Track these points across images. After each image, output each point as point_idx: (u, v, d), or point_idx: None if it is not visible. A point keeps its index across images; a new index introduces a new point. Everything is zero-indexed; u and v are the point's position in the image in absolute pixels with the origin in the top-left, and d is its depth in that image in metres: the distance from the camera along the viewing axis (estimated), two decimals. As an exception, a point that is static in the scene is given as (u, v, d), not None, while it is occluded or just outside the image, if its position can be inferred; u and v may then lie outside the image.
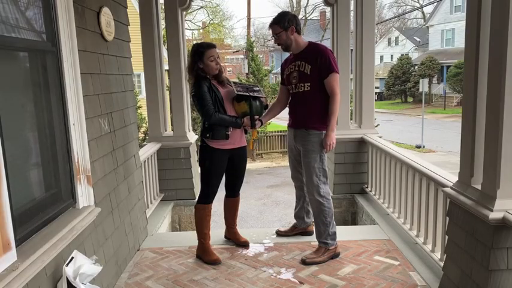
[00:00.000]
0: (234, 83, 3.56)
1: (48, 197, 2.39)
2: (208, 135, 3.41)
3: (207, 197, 3.55)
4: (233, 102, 3.45)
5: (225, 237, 3.94)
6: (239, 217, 3.95)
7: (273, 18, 3.44)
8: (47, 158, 2.46)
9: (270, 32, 3.50)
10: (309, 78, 3.38)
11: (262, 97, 3.51)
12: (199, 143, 3.72)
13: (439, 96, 31.83)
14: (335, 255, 3.51)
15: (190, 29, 31.26)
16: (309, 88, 3.38)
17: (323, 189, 3.45)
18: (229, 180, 3.70)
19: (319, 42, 3.80)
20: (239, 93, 3.39)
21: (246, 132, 3.60)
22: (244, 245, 3.79)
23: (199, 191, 3.61)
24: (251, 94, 3.42)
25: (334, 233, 3.52)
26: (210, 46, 3.43)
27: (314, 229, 3.63)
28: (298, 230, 3.99)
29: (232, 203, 3.81)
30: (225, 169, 3.56)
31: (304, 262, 3.42)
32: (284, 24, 3.38)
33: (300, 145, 3.53)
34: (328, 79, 3.34)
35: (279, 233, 4.03)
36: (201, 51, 3.37)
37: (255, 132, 3.66)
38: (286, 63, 3.61)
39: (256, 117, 3.45)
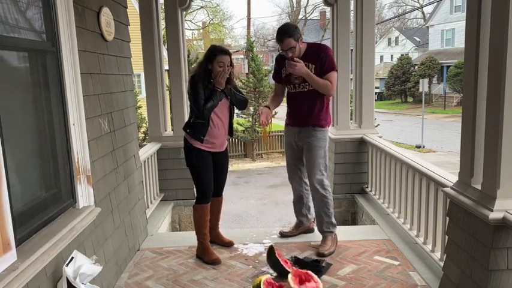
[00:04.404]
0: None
1: (48, 197, 2.39)
2: (188, 130, 3.48)
3: (203, 196, 3.55)
4: None
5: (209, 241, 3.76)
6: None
7: (283, 32, 3.37)
8: (47, 158, 2.46)
9: (279, 46, 3.43)
10: None
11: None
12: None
13: (439, 96, 31.82)
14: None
15: (190, 29, 31.31)
16: (313, 87, 3.45)
17: (325, 182, 3.60)
18: (213, 180, 3.69)
19: (317, 42, 3.82)
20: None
21: (231, 135, 3.65)
22: (229, 245, 3.79)
23: (195, 191, 3.61)
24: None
25: (335, 222, 3.68)
26: (224, 52, 3.41)
27: (315, 225, 3.72)
28: (302, 228, 3.98)
29: (215, 203, 3.75)
30: (212, 166, 3.56)
31: (323, 255, 3.49)
32: (297, 36, 3.39)
33: (304, 141, 3.59)
34: (327, 76, 3.44)
35: (284, 234, 3.96)
36: (214, 53, 3.40)
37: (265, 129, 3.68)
38: (284, 62, 3.54)
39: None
